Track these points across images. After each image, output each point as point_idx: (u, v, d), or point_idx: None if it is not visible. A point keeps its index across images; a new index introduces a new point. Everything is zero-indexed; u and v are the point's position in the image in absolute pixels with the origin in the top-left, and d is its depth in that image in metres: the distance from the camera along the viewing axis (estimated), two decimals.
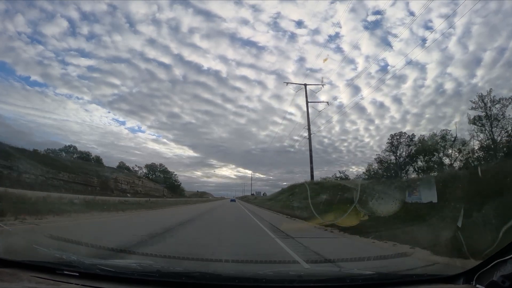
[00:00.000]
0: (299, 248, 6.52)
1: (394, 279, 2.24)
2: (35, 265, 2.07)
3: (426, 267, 4.17)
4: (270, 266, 4.71)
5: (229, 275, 2.34)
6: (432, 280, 2.17)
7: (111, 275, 1.98)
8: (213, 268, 3.80)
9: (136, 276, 2.00)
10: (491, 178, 8.91)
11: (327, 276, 2.67)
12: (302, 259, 5.32)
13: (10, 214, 8.53)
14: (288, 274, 2.78)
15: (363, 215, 10.40)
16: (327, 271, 3.85)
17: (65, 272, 1.96)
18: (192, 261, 4.37)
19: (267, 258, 5.39)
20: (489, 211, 5.97)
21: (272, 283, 2.15)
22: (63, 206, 12.60)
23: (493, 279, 1.72)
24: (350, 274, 2.76)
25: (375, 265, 4.60)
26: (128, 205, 19.86)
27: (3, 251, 2.88)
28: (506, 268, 1.68)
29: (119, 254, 4.72)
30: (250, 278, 2.22)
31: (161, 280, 1.96)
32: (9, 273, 1.94)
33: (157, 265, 2.50)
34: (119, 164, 58.91)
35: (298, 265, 4.93)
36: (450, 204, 8.94)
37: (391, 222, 9.43)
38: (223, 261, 4.64)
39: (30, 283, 1.81)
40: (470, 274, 1.96)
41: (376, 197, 12.14)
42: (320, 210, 13.87)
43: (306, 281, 2.22)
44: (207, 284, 1.99)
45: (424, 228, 7.71)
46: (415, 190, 12.08)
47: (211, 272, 2.32)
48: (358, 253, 6.13)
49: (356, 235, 8.62)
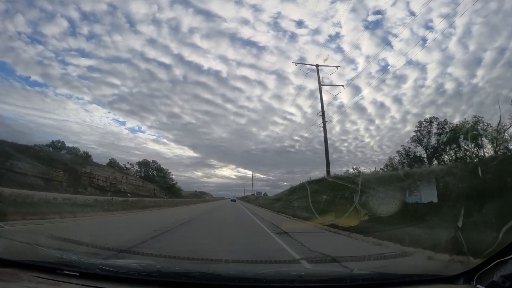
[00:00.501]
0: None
1: (394, 279, 2.24)
2: (35, 265, 2.08)
3: (426, 267, 4.17)
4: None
5: (229, 275, 2.34)
6: (433, 280, 2.17)
7: (112, 275, 1.98)
8: (213, 269, 3.79)
9: (137, 276, 2.00)
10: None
11: (327, 276, 2.67)
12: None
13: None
14: (288, 274, 2.78)
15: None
16: (327, 271, 3.85)
17: (65, 272, 1.96)
18: (193, 261, 4.37)
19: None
20: (489, 211, 5.96)
21: (272, 283, 2.15)
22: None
23: (494, 279, 1.72)
24: (350, 274, 2.76)
25: (375, 265, 4.60)
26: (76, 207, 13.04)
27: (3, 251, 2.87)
28: (507, 268, 1.68)
29: (119, 254, 4.72)
30: (251, 278, 2.22)
31: (162, 280, 1.97)
32: (9, 273, 1.94)
33: (157, 265, 2.50)
34: (110, 161, 54.43)
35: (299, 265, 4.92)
36: (451, 204, 8.93)
37: (392, 222, 9.42)
38: (223, 261, 4.64)
39: (31, 283, 1.81)
40: (470, 274, 1.96)
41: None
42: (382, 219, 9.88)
43: (306, 281, 2.22)
44: (208, 284, 1.99)
45: (424, 228, 7.70)
46: (415, 190, 12.07)
47: (211, 272, 2.31)
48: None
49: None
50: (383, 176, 17.55)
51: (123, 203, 20.18)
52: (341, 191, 16.42)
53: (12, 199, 12.12)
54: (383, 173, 22.25)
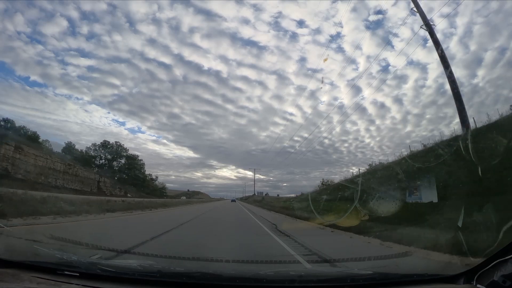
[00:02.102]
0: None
1: (394, 279, 2.24)
2: (35, 266, 2.08)
3: (426, 267, 4.17)
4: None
5: (229, 275, 2.34)
6: (433, 280, 2.17)
7: (112, 275, 1.98)
8: (214, 268, 3.79)
9: (137, 276, 2.00)
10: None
11: (327, 276, 2.67)
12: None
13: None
14: (288, 274, 2.78)
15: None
16: (327, 271, 3.85)
17: (65, 273, 1.97)
18: (193, 261, 4.37)
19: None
20: (489, 211, 5.96)
21: (272, 283, 2.15)
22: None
23: (494, 279, 1.72)
24: (350, 274, 2.76)
25: (376, 265, 4.59)
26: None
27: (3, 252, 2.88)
28: (507, 268, 1.68)
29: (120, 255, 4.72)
30: (251, 278, 2.22)
31: (162, 280, 1.97)
32: (10, 274, 1.95)
33: (158, 265, 2.50)
34: (66, 144, 42.20)
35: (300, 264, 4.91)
36: (451, 203, 8.93)
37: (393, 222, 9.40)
38: (224, 261, 4.64)
39: (31, 284, 1.81)
40: (470, 274, 1.96)
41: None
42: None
43: (306, 281, 2.22)
44: (208, 284, 2.00)
45: (424, 228, 7.70)
46: (416, 190, 12.07)
47: (212, 272, 2.32)
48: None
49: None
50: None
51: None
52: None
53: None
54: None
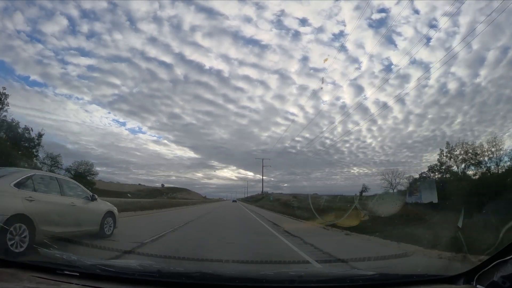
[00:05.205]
0: None
1: (394, 280, 2.24)
2: (35, 265, 2.08)
3: (426, 267, 4.17)
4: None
5: (229, 275, 2.34)
6: (433, 280, 2.17)
7: (112, 275, 1.98)
8: (213, 268, 3.79)
9: (137, 276, 2.00)
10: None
11: (327, 276, 2.67)
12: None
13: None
14: (288, 274, 2.78)
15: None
16: (327, 271, 3.85)
17: (65, 272, 1.97)
18: (193, 261, 4.37)
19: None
20: (489, 211, 5.96)
21: (272, 283, 2.15)
22: None
23: (494, 279, 1.72)
24: (350, 274, 2.76)
25: (376, 265, 4.59)
26: None
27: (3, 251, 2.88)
28: (507, 268, 1.68)
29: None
30: (251, 278, 2.22)
31: (162, 280, 1.97)
32: (9, 273, 1.95)
33: (157, 265, 2.50)
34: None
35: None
36: (451, 204, 8.94)
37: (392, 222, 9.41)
38: (223, 261, 4.64)
39: (31, 283, 1.81)
40: (470, 275, 1.96)
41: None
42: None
43: (306, 281, 2.22)
44: (208, 284, 1.99)
45: (424, 228, 7.71)
46: (416, 191, 12.09)
47: (212, 272, 2.31)
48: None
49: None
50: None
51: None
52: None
53: None
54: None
